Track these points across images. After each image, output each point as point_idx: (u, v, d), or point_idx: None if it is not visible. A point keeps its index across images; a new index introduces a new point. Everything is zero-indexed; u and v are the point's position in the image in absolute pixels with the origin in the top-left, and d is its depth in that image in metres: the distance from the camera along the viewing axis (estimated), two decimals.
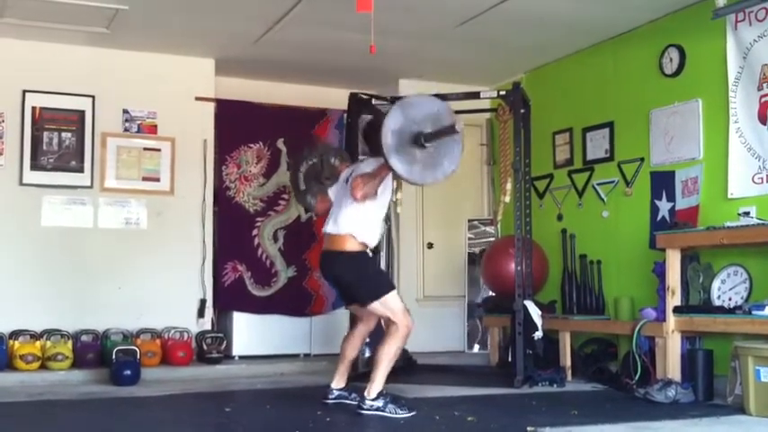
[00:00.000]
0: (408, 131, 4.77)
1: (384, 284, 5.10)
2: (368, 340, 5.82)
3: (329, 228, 5.12)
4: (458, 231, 8.37)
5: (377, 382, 4.90)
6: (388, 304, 4.98)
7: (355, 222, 5.00)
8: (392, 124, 4.73)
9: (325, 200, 5.45)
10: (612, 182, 6.90)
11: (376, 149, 4.91)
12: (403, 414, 4.80)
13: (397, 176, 4.95)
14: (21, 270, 6.89)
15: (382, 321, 5.23)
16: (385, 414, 4.81)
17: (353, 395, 5.17)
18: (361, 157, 6.01)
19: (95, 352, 6.76)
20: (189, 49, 7.33)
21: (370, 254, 5.23)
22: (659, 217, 6.33)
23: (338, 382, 5.28)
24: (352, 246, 5.02)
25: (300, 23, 6.54)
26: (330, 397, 5.24)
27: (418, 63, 7.63)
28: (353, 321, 5.56)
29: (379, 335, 5.37)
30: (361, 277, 5.06)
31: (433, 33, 6.82)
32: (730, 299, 5.60)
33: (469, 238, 8.32)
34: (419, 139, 4.77)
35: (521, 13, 6.32)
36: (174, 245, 7.36)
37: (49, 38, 6.94)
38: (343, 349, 5.35)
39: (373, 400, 4.86)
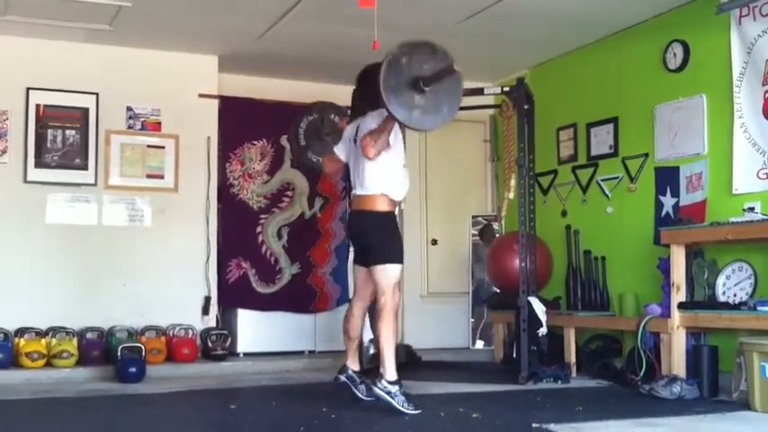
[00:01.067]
0: (407, 75, 4.72)
1: (397, 253, 5.10)
2: (371, 337, 5.82)
3: (358, 190, 5.13)
4: (462, 227, 8.37)
5: (388, 362, 4.91)
6: (388, 274, 5.00)
7: (381, 180, 5.02)
8: (390, 67, 4.67)
9: (333, 159, 5.43)
10: (617, 177, 6.89)
11: (373, 97, 4.83)
12: (410, 410, 4.80)
13: (397, 123, 4.87)
14: (26, 268, 6.90)
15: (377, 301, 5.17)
16: (393, 402, 4.81)
17: (362, 386, 5.17)
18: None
19: (100, 349, 6.77)
20: (192, 45, 7.33)
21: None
22: (664, 213, 6.32)
23: (353, 363, 5.29)
24: (382, 205, 5.06)
25: (304, 19, 6.53)
26: (342, 375, 5.25)
27: None
28: (352, 299, 5.54)
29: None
30: (382, 237, 5.07)
31: (437, 29, 6.79)
32: (735, 295, 5.59)
33: (473, 235, 8.32)
34: (418, 83, 4.72)
35: (524, 8, 6.31)
36: (178, 242, 7.37)
37: (53, 35, 6.95)
38: (346, 329, 5.35)
39: (390, 383, 4.86)
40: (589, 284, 6.87)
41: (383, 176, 5.03)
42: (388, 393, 4.84)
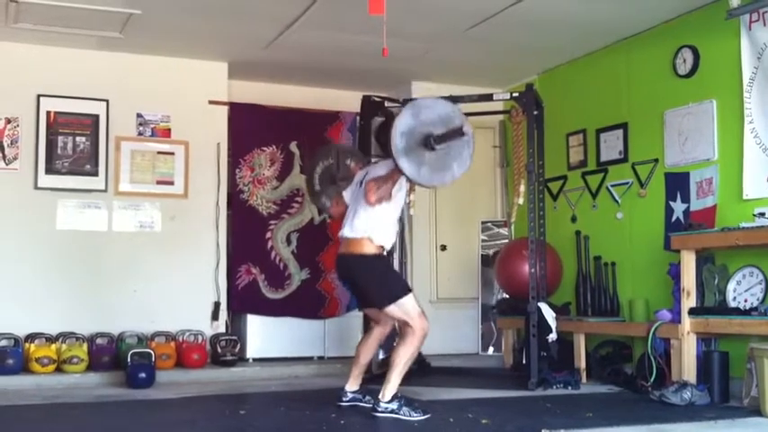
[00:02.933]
0: (418, 133, 4.76)
1: (400, 287, 5.09)
2: (383, 357, 5.83)
3: (345, 232, 5.11)
4: (471, 233, 8.36)
5: (391, 385, 4.90)
6: (404, 307, 4.97)
7: (371, 225, 5.01)
8: (402, 125, 4.74)
9: (341, 203, 5.44)
10: (626, 183, 6.88)
11: (388, 151, 4.91)
12: (417, 417, 4.79)
13: (405, 177, 4.94)
14: (36, 273, 6.93)
15: (397, 325, 5.22)
16: (399, 416, 4.81)
17: (367, 398, 5.17)
18: (373, 160, 6.01)
19: (110, 355, 6.78)
20: (202, 52, 7.36)
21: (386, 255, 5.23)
22: (674, 218, 6.31)
23: (352, 385, 5.27)
24: (368, 249, 5.03)
25: (313, 26, 6.55)
26: (344, 399, 5.24)
27: (431, 65, 7.62)
28: (368, 325, 5.56)
29: (393, 337, 5.38)
30: (377, 280, 5.05)
31: (446, 35, 6.82)
32: (746, 300, 5.56)
33: (483, 240, 8.31)
34: (429, 141, 4.76)
35: (533, 14, 6.31)
36: (187, 248, 7.39)
37: (63, 42, 6.98)
38: (358, 353, 5.35)
39: (388, 402, 4.86)
40: (599, 290, 6.86)
41: (373, 223, 5.01)
42: (391, 412, 4.85)
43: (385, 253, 5.18)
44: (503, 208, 8.48)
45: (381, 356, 6.23)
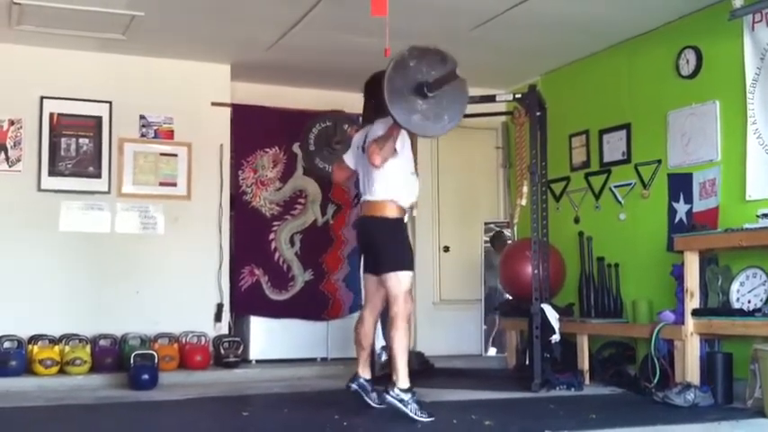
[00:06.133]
0: (412, 79, 4.70)
1: (407, 260, 5.09)
2: (383, 344, 5.81)
3: (366, 196, 5.13)
4: (474, 234, 8.36)
5: (401, 371, 4.89)
6: (400, 280, 4.99)
7: (389, 187, 5.02)
8: (396, 68, 4.67)
9: (342, 167, 5.43)
10: (629, 184, 6.87)
11: (379, 103, 4.79)
12: (423, 417, 4.77)
13: (396, 124, 4.83)
14: (39, 275, 6.93)
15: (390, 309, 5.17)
16: (406, 410, 4.79)
17: (373, 394, 5.17)
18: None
19: (113, 356, 6.78)
20: (205, 54, 7.36)
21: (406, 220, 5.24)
22: (677, 219, 6.30)
23: (364, 371, 5.26)
24: (391, 212, 5.05)
25: (315, 28, 6.55)
26: (353, 383, 5.23)
27: None
28: (363, 307, 5.53)
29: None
30: (391, 244, 5.06)
31: (448, 36, 6.78)
32: (749, 301, 5.55)
33: (486, 241, 8.31)
34: (422, 88, 4.70)
35: (536, 15, 6.30)
36: (191, 249, 7.39)
37: (66, 44, 6.99)
38: (357, 337, 5.31)
39: (403, 391, 4.84)
40: (602, 291, 6.85)
41: (391, 183, 5.02)
42: (401, 401, 4.82)
43: (407, 216, 5.17)
44: (506, 209, 8.48)
45: (384, 358, 6.23)
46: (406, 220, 5.25)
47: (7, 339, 6.57)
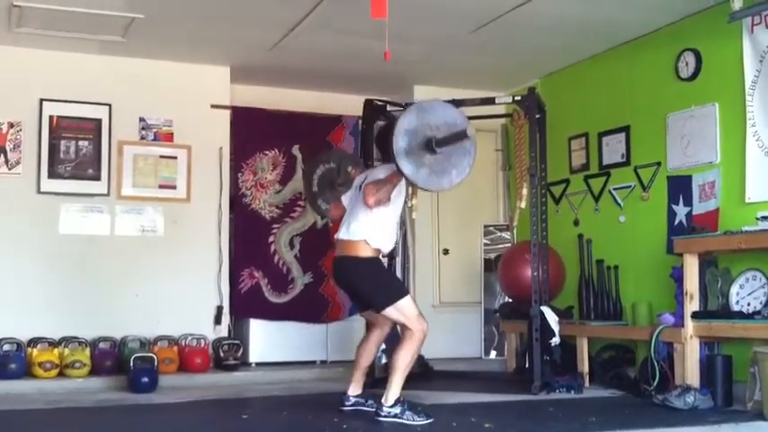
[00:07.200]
0: (421, 134, 4.74)
1: (398, 290, 5.08)
2: (383, 347, 5.82)
3: (342, 234, 5.10)
4: (474, 237, 8.36)
5: (394, 389, 4.88)
6: (402, 310, 4.96)
7: (368, 228, 4.99)
8: (406, 123, 4.71)
9: (339, 206, 5.43)
10: (629, 186, 6.87)
11: (388, 155, 4.89)
12: (421, 421, 4.78)
13: (405, 180, 4.90)
14: (38, 278, 6.93)
15: (398, 327, 5.22)
16: (403, 421, 4.79)
17: (370, 402, 5.16)
18: (376, 164, 6.00)
19: (113, 359, 6.78)
20: (204, 57, 7.36)
21: (384, 260, 5.21)
22: (676, 222, 6.30)
23: (354, 389, 5.27)
24: (365, 252, 5.00)
25: (315, 30, 6.55)
26: (347, 404, 5.23)
27: (433, 69, 7.63)
28: (369, 327, 5.55)
29: (394, 341, 5.37)
30: (374, 283, 5.04)
31: (448, 39, 6.82)
32: (749, 304, 5.55)
33: (485, 244, 8.30)
34: (430, 144, 4.74)
35: (536, 17, 6.31)
36: (190, 252, 7.39)
37: (66, 47, 6.99)
38: (358, 356, 5.34)
39: (391, 406, 4.85)
40: (602, 294, 6.85)
41: (371, 226, 4.98)
42: (395, 416, 4.82)
43: (384, 257, 5.16)
44: (505, 212, 8.47)
45: (384, 361, 6.23)
46: (387, 252, 5.23)
47: (7, 342, 6.57)
